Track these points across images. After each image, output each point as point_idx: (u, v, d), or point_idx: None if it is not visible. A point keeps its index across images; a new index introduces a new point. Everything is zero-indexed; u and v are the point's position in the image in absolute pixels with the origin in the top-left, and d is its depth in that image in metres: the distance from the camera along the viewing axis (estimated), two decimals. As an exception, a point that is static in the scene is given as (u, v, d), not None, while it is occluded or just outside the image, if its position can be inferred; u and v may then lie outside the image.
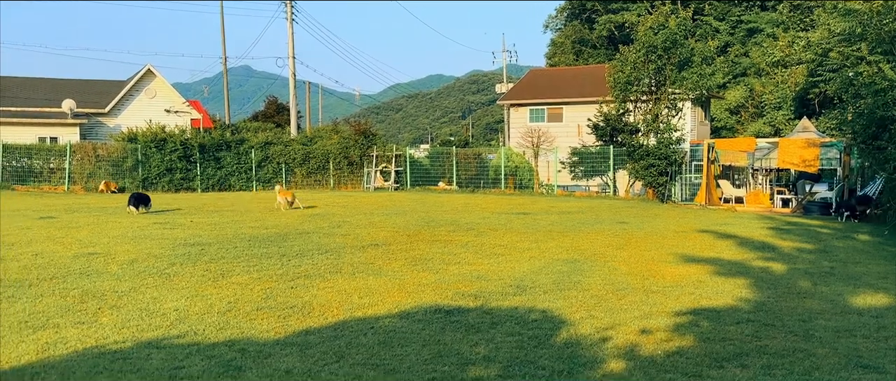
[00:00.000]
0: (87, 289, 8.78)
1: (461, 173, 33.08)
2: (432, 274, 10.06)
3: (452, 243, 13.19)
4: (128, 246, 12.33)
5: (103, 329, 6.97)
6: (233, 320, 7.42)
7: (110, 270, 10.12)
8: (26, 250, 11.70)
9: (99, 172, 30.07)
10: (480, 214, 19.67)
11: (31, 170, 30.19)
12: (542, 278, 9.87)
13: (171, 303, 8.12)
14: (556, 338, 6.78)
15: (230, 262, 10.90)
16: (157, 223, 16.05)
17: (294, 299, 8.40)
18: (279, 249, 12.29)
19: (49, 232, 14.13)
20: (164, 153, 30.70)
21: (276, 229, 15.40)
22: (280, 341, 6.66)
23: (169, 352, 6.22)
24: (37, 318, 7.34)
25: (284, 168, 32.49)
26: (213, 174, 31.72)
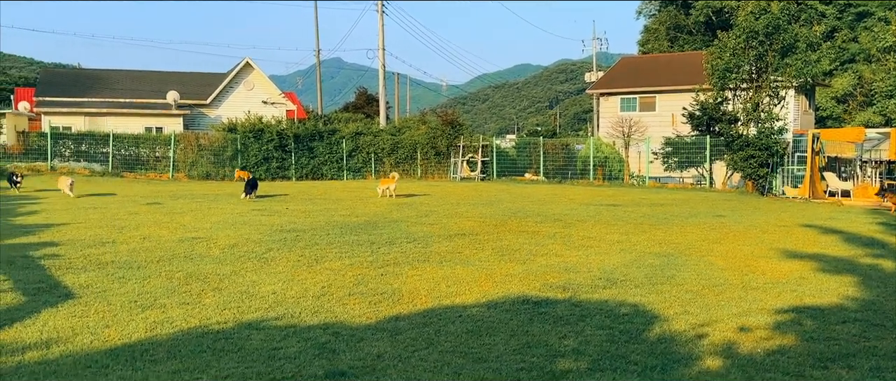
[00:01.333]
0: (190, 272, 9.26)
1: (548, 164, 32.75)
2: (519, 265, 10.02)
3: (540, 234, 13.09)
4: (228, 231, 12.90)
5: (206, 310, 7.33)
6: (326, 304, 7.64)
7: (212, 254, 10.63)
8: (135, 234, 12.44)
9: (201, 160, 31.58)
10: (568, 205, 19.42)
11: (139, 158, 32.05)
12: (633, 271, 9.66)
13: (268, 286, 8.45)
14: (648, 333, 6.62)
15: (323, 248, 11.22)
16: (255, 210, 16.72)
17: (384, 286, 8.56)
18: (369, 236, 12.55)
19: (155, 217, 14.97)
20: (261, 143, 31.90)
21: (366, 217, 15.74)
22: (371, 326, 6.81)
23: (267, 333, 6.48)
24: (145, 298, 7.80)
25: (373, 158, 33.12)
26: (307, 163, 32.71)
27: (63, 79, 44.35)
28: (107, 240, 11.71)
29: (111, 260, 9.94)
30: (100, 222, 13.95)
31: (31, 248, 10.86)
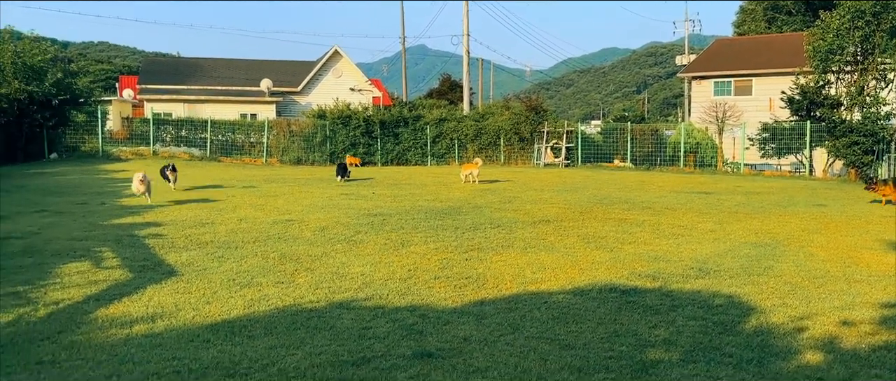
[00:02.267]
0: (284, 252, 9.60)
1: (636, 150, 31.97)
2: (606, 252, 9.86)
3: (627, 222, 12.82)
4: (319, 214, 13.29)
5: (299, 289, 7.59)
6: (413, 286, 7.77)
7: (304, 235, 10.98)
8: (232, 216, 13.00)
9: (292, 146, 32.62)
10: (657, 192, 18.92)
11: (234, 144, 33.42)
12: (727, 261, 9.32)
13: (357, 268, 8.67)
14: (743, 325, 6.39)
15: (409, 232, 11.39)
16: (344, 194, 17.14)
17: (469, 271, 8.62)
18: (454, 221, 12.64)
19: (251, 200, 15.59)
20: (348, 129, 32.64)
21: (450, 202, 15.85)
22: (457, 309, 6.88)
23: (357, 313, 6.65)
24: (242, 276, 8.16)
25: (457, 144, 33.27)
26: (392, 149, 33.24)
27: (164, 67, 46.72)
28: (206, 221, 12.30)
29: (210, 240, 10.43)
30: (200, 204, 14.66)
31: (136, 227, 11.54)
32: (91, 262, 8.88)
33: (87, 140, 31.39)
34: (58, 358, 5.29)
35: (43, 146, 28.93)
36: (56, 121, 29.29)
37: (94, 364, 5.16)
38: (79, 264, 8.67)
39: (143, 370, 5.05)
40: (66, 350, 5.48)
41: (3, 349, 5.46)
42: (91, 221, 12.29)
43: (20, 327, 6.10)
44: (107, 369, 5.08)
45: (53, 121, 29.07)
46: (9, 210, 13.53)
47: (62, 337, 5.80)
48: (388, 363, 5.27)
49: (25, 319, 6.35)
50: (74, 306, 6.81)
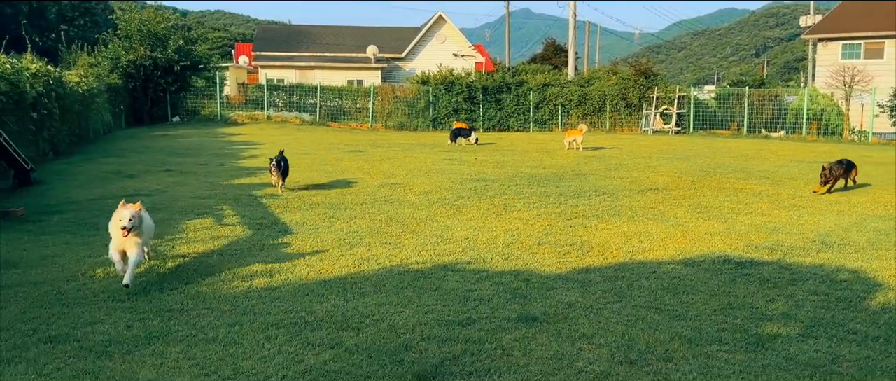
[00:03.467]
0: (390, 215, 9.84)
1: (754, 117, 30.32)
2: (720, 223, 9.48)
3: (743, 192, 12.24)
4: (422, 179, 13.50)
5: (406, 250, 7.77)
6: (516, 252, 7.77)
7: (409, 199, 11.20)
8: (341, 179, 13.42)
9: (396, 111, 33.14)
10: (776, 161, 17.92)
11: (342, 109, 34.33)
12: (852, 234, 8.74)
13: (461, 232, 8.76)
14: (869, 302, 5.99)
15: (512, 198, 11.38)
16: (447, 160, 17.29)
17: (573, 238, 8.52)
18: (557, 188, 12.50)
19: (358, 164, 16.03)
20: (451, 95, 32.74)
21: (553, 169, 15.67)
22: (561, 275, 6.83)
23: (462, 275, 6.74)
24: (352, 236, 8.43)
25: (560, 110, 32.71)
26: (494, 115, 33.10)
27: (276, 35, 48.44)
28: (317, 183, 12.77)
29: (321, 201, 10.83)
30: (310, 167, 15.22)
31: (253, 188, 12.14)
32: (213, 219, 9.45)
33: (206, 105, 33.17)
34: (185, 307, 5.68)
35: (166, 110, 30.84)
36: (178, 86, 31.13)
37: (219, 314, 5.51)
38: (202, 221, 9.24)
39: (263, 320, 5.35)
40: (193, 300, 5.88)
41: (137, 297, 5.93)
42: (212, 181, 13.04)
43: (151, 277, 6.60)
44: (230, 318, 5.41)
45: (176, 86, 30.91)
46: (137, 169, 14.56)
47: (189, 288, 6.22)
48: (493, 324, 5.32)
49: (156, 270, 6.86)
50: (199, 259, 7.28)
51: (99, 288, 6.16)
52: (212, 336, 4.99)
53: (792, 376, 4.42)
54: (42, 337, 4.93)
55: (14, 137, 12.01)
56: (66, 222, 9.08)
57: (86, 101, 20.43)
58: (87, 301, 5.80)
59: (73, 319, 5.34)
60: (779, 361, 4.66)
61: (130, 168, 14.72)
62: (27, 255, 7.32)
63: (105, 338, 4.91)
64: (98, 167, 14.90)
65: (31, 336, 4.96)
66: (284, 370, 4.39)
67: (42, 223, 9.02)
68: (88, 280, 6.43)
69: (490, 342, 4.95)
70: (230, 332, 5.09)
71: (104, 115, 23.55)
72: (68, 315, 5.42)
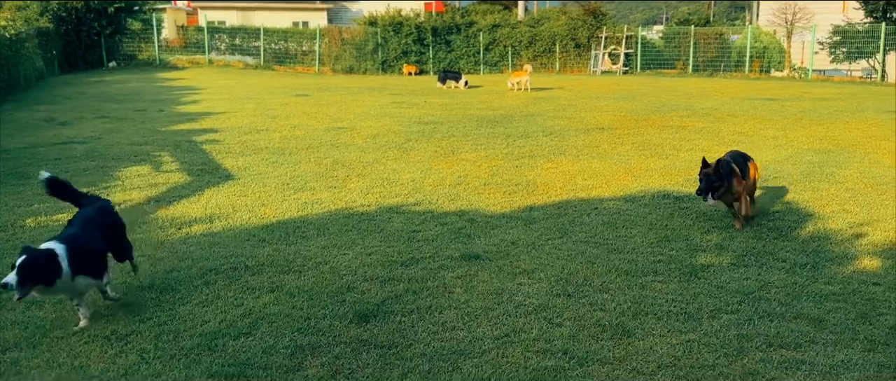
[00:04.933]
0: (337, 159, 9.72)
1: (699, 56, 30.71)
2: (661, 160, 9.65)
3: (685, 129, 12.46)
4: (370, 122, 13.33)
5: (351, 194, 7.71)
6: (462, 193, 7.79)
7: (356, 143, 11.06)
8: (286, 123, 13.16)
9: (344, 54, 32.48)
10: (719, 99, 18.27)
11: (288, 52, 33.47)
12: (787, 167, 9.02)
13: (408, 175, 8.72)
14: (799, 231, 6.22)
15: (459, 140, 11.35)
16: (394, 103, 17.10)
17: (519, 178, 8.58)
18: (505, 130, 12.52)
19: (304, 108, 15.72)
20: (400, 37, 32.19)
21: (502, 110, 15.67)
22: (505, 214, 6.89)
23: (407, 217, 6.73)
24: (296, 181, 8.31)
25: (510, 51, 32.54)
26: (444, 57, 32.75)
27: (217, -24, 46.49)
28: (261, 128, 12.49)
29: (265, 146, 10.62)
30: (254, 112, 14.87)
31: (194, 133, 11.81)
32: (151, 166, 9.18)
33: (144, 49, 31.92)
34: (122, 255, 5.53)
35: (102, 55, 29.58)
36: (112, 29, 29.79)
37: (154, 261, 5.39)
38: (139, 168, 8.97)
39: (201, 266, 5.26)
40: (130, 248, 5.72)
41: (72, 246, 5.74)
42: (150, 127, 12.63)
43: (87, 226, 6.39)
44: (167, 264, 5.30)
45: (110, 29, 29.58)
46: (71, 116, 14.00)
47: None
48: (436, 263, 5.35)
49: (92, 218, 6.64)
50: (136, 207, 7.08)
51: (29, 238, 5.94)
52: (147, 283, 4.89)
53: (722, 302, 4.57)
54: (-32, 290, 4.74)
55: (-66, 85, 11.38)
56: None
57: (14, 46, 19.41)
58: (16, 252, 5.59)
59: (2, 269, 5.15)
60: (710, 289, 4.82)
61: (63, 115, 14.14)
62: (-48, 207, 7.01)
63: (35, 288, 4.76)
64: (29, 115, 14.28)
65: (-44, 289, 4.76)
66: (222, 314, 4.34)
67: (-32, 174, 8.63)
68: (18, 230, 6.21)
69: (432, 280, 4.98)
70: (167, 278, 4.99)
71: (35, 61, 22.46)
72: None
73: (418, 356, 3.78)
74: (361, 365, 3.69)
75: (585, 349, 3.88)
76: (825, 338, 4.06)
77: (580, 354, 3.81)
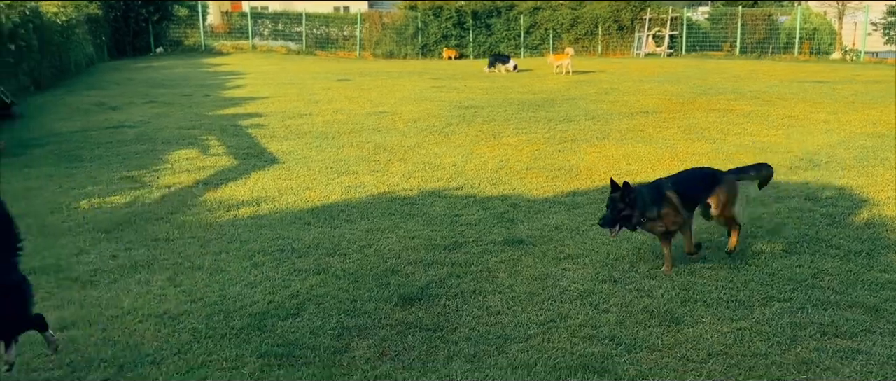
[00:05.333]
0: (378, 143, 9.76)
1: (746, 37, 29.93)
2: (708, 143, 9.45)
3: (733, 113, 12.18)
4: (411, 107, 13.35)
5: (393, 178, 7.74)
6: (504, 177, 7.75)
7: (397, 127, 11.09)
8: (328, 108, 13.26)
9: (384, 39, 32.52)
10: (767, 81, 17.79)
11: (329, 37, 33.67)
12: (840, 152, 8.74)
13: (449, 159, 8.71)
14: (854, 218, 6.03)
15: (501, 124, 11.29)
16: (434, 87, 17.08)
17: (561, 162, 8.50)
18: (546, 113, 12.41)
19: (346, 93, 15.81)
20: (440, 21, 32.09)
21: (543, 94, 15.52)
22: (548, 199, 6.83)
23: (449, 201, 6.73)
24: (339, 165, 8.37)
25: (552, 34, 32.18)
26: (484, 41, 32.55)
27: (259, -38, 46.88)
28: (304, 112, 12.61)
29: (308, 130, 10.72)
30: (297, 96, 15.02)
31: (239, 118, 11.98)
32: (198, 149, 9.35)
33: (190, 35, 32.44)
34: (171, 236, 5.66)
35: (149, 40, 30.16)
36: (160, 15, 30.33)
37: (205, 242, 5.50)
38: (187, 152, 9.14)
39: (249, 248, 5.35)
40: (179, 229, 5.85)
41: (122, 227, 5.90)
42: (197, 111, 12.85)
43: (136, 208, 6.55)
44: (216, 246, 5.40)
45: (157, 15, 30.11)
46: (121, 101, 14.33)
47: (174, 218, 6.19)
48: (480, 248, 5.34)
49: (141, 200, 6.81)
50: (185, 189, 7.23)
51: (83, 219, 6.12)
52: (198, 264, 4.99)
53: (774, 290, 4.47)
54: (25, 269, 4.88)
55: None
56: (49, 155, 8.98)
57: (65, 32, 19.91)
58: (71, 232, 5.77)
59: (57, 250, 5.33)
60: (761, 276, 4.71)
61: (113, 100, 14.48)
62: (9, 188, 7.24)
63: (90, 268, 4.90)
64: (80, 100, 14.66)
65: (16, 268, 4.93)
66: (271, 295, 4.41)
67: (24, 157, 8.91)
68: (73, 212, 6.39)
69: (476, 264, 4.97)
70: (216, 260, 5.09)
71: (85, 47, 23.01)
72: (53, 246, 5.40)
73: (463, 340, 3.79)
74: (407, 347, 3.71)
75: (633, 335, 3.84)
76: (882, 328, 3.94)
77: (627, 340, 3.77)
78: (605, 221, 4.68)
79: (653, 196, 4.74)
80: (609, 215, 4.66)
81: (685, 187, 4.88)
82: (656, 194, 4.76)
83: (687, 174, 5.23)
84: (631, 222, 4.68)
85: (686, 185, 4.93)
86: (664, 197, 4.76)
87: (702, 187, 5.00)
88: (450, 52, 30.87)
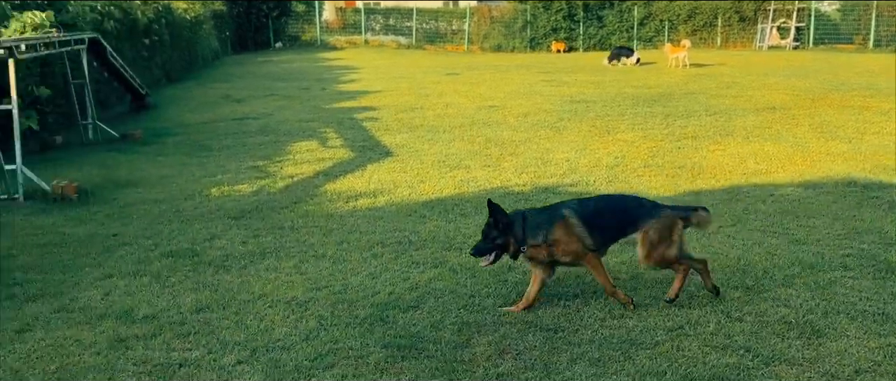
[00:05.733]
0: (489, 137, 9.73)
1: (881, 29, 27.71)
2: (843, 143, 8.81)
3: (869, 110, 11.30)
4: (520, 101, 13.24)
5: (506, 173, 7.69)
6: (621, 174, 7.53)
7: (507, 121, 11.03)
8: (439, 102, 13.37)
9: (493, 32, 32.47)
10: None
11: (437, 32, 34.00)
12: None
13: (562, 154, 8.56)
14: None
15: (614, 119, 10.99)
16: (544, 81, 16.87)
17: (682, 160, 8.16)
18: (664, 109, 11.97)
19: (455, 87, 15.89)
20: (550, 13, 31.66)
21: (659, 88, 15.00)
22: (669, 198, 6.56)
23: (565, 198, 6.60)
24: (451, 159, 8.41)
25: (667, 26, 31.03)
26: (595, 33, 31.84)
27: (372, -42, 47.96)
28: (415, 106, 12.78)
29: (420, 124, 10.85)
30: (408, 90, 15.24)
31: (354, 111, 12.30)
32: (318, 141, 9.67)
33: (306, 30, 33.66)
34: (296, 225, 5.87)
35: (269, 35, 31.54)
36: (279, 11, 31.67)
37: (327, 232, 5.66)
38: (307, 143, 9.47)
39: (368, 239, 5.45)
40: (302, 219, 6.06)
41: (250, 215, 6.17)
42: (314, 104, 13.31)
43: (262, 196, 6.84)
44: (337, 236, 5.55)
45: (277, 11, 31.45)
46: (244, 94, 15.05)
47: (298, 207, 6.42)
48: (599, 247, 5.19)
49: (267, 189, 7.11)
50: (306, 180, 7.49)
51: (214, 206, 6.45)
52: (321, 253, 5.14)
53: (929, 306, 4.08)
54: (163, 252, 5.23)
55: (128, 64, 12.60)
56: (181, 144, 9.54)
57: (194, 27, 21.13)
58: (204, 219, 6.10)
59: (191, 235, 5.64)
60: (914, 290, 4.32)
61: (238, 93, 15.23)
62: (146, 175, 7.76)
63: (222, 253, 5.15)
64: (207, 92, 15.51)
65: (153, 251, 5.27)
66: (391, 286, 4.47)
67: (158, 145, 9.51)
68: (204, 199, 6.75)
69: (596, 264, 4.83)
70: (338, 249, 5.22)
71: (211, 41, 24.35)
72: (187, 232, 5.72)
73: (586, 342, 3.69)
74: (528, 347, 3.66)
75: (770, 347, 3.60)
76: None
77: (765, 352, 3.54)
78: (476, 250, 4.15)
79: (541, 220, 4.10)
80: (480, 243, 4.13)
81: (595, 216, 4.12)
82: (547, 218, 4.11)
83: (604, 200, 4.69)
84: (508, 250, 4.08)
85: (598, 213, 4.17)
86: (557, 221, 4.06)
87: (624, 219, 4.16)
88: (558, 45, 30.42)
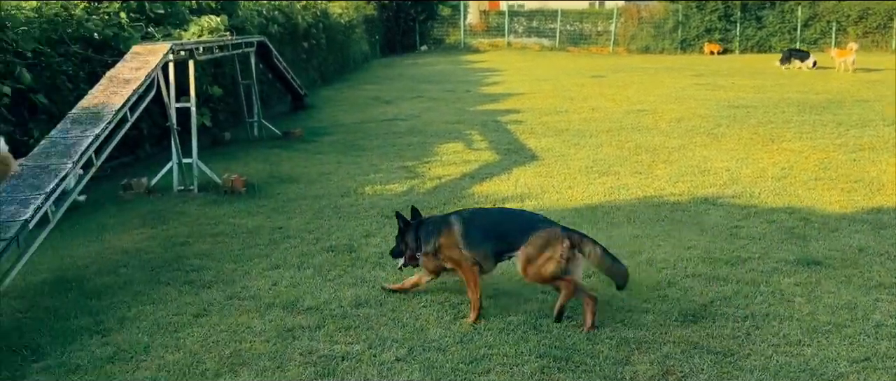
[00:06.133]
0: (639, 143, 9.38)
1: None
2: None
3: None
4: (673, 105, 12.69)
5: (659, 181, 7.37)
6: (789, 187, 6.99)
7: (659, 126, 10.59)
8: (584, 105, 13.09)
9: (641, 34, 31.44)
10: None
11: (582, 33, 33.40)
12: None
13: (721, 163, 8.09)
14: None
15: (779, 126, 10.27)
16: (697, 84, 16.08)
17: (858, 173, 7.47)
18: (834, 117, 11.04)
19: (600, 90, 15.52)
20: (704, 13, 30.19)
21: (827, 94, 13.87)
22: (846, 215, 6.01)
23: (726, 210, 6.22)
24: (599, 165, 8.18)
25: (834, 27, 28.64)
26: (753, 35, 29.98)
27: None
28: (560, 109, 12.60)
29: (565, 128, 10.67)
30: (552, 93, 15.07)
31: (498, 114, 12.31)
32: (464, 143, 9.76)
33: (451, 33, 34.25)
34: (446, 226, 5.92)
35: (415, 39, 32.39)
36: (426, 15, 32.47)
37: (476, 235, 5.66)
38: (454, 145, 9.58)
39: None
40: (452, 220, 6.10)
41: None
42: (460, 107, 13.46)
43: (412, 196, 6.98)
44: (487, 240, 5.53)
45: (424, 15, 32.25)
46: (393, 95, 15.50)
47: (447, 209, 6.46)
48: (768, 266, 4.83)
49: (416, 190, 7.25)
50: (453, 181, 7.56)
51: (369, 204, 6.67)
52: (471, 256, 5.14)
53: None
54: (324, 246, 5.45)
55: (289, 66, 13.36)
56: (336, 143, 9.97)
57: (347, 31, 22.09)
58: (359, 216, 6.31)
59: (349, 231, 5.84)
60: None
61: (387, 94, 15.73)
62: (306, 172, 8.16)
63: (378, 250, 5.29)
64: (359, 93, 16.14)
65: (314, 245, 5.50)
66: (542, 295, 4.38)
67: (316, 143, 9.99)
68: (359, 197, 6.99)
69: (765, 284, 4.50)
70: (488, 253, 5.20)
71: (362, 44, 25.35)
72: (345, 228, 5.94)
73: (760, 370, 3.42)
74: (694, 370, 3.44)
75: (981, 392, 3.18)
76: None
77: (975, 397, 3.13)
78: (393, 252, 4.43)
79: (434, 227, 4.16)
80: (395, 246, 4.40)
81: (478, 228, 4.07)
82: (437, 225, 4.16)
83: (492, 213, 4.71)
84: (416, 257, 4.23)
85: (481, 224, 4.13)
86: (443, 228, 4.11)
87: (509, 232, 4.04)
88: (712, 47, 28.92)
